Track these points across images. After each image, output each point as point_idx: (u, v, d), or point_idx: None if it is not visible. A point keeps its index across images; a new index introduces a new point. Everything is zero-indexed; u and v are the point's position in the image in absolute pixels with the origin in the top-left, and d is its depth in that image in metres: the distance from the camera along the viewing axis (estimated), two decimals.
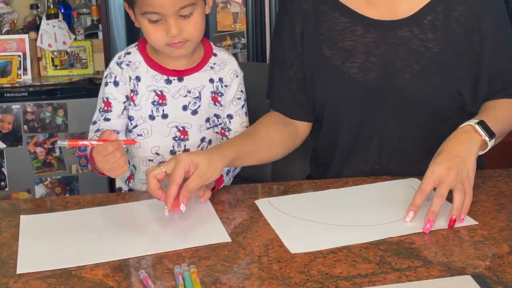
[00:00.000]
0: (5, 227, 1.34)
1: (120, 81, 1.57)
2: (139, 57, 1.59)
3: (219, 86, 1.62)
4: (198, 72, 1.60)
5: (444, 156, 1.32)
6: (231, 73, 1.63)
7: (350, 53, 1.53)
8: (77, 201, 1.46)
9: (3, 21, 3.24)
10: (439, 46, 1.50)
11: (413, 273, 1.11)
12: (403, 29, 1.51)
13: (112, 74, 1.58)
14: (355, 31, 1.54)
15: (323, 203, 1.41)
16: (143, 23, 1.50)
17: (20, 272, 1.15)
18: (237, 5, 2.81)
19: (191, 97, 1.59)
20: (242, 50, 2.83)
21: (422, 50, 1.50)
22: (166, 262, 1.17)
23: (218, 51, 1.65)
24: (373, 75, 1.52)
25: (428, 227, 1.25)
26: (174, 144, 1.60)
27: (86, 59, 3.18)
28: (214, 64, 1.62)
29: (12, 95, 2.93)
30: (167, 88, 1.58)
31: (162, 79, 1.58)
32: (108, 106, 1.56)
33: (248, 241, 1.25)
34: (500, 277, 1.09)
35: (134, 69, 1.58)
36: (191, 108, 1.59)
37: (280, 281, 1.10)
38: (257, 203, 1.42)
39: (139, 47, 1.61)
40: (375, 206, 1.38)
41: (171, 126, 1.59)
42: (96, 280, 1.12)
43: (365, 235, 1.25)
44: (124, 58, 1.59)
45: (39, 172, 2.98)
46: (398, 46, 1.51)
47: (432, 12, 1.50)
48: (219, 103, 1.63)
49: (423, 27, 1.50)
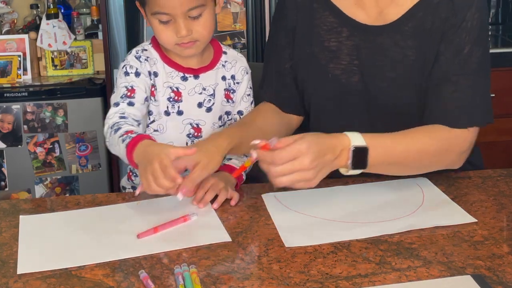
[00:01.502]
0: (5, 227, 1.34)
1: (142, 73, 1.56)
2: (156, 54, 1.60)
3: (231, 83, 1.65)
4: (211, 70, 1.62)
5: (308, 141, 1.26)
6: (242, 70, 1.66)
7: (335, 54, 1.54)
8: (77, 201, 1.46)
9: (3, 21, 3.24)
10: (416, 53, 1.47)
11: (413, 273, 1.11)
12: (383, 35, 1.50)
13: (133, 66, 1.56)
14: (341, 32, 1.54)
15: (331, 199, 1.42)
16: (154, 23, 1.51)
17: (20, 273, 1.15)
18: (237, 5, 2.81)
19: (206, 95, 1.61)
20: (242, 50, 2.83)
21: (400, 58, 1.48)
22: (166, 262, 1.17)
23: (227, 49, 1.68)
24: (356, 79, 1.53)
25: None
26: (187, 141, 1.61)
27: (86, 59, 3.18)
28: (226, 62, 1.65)
29: (12, 95, 2.93)
30: (183, 85, 1.59)
31: (178, 76, 1.59)
32: (131, 93, 1.53)
33: (248, 241, 1.25)
34: (500, 277, 1.09)
35: (152, 65, 1.59)
36: (206, 105, 1.61)
37: (280, 281, 1.10)
38: (263, 197, 1.43)
39: (154, 45, 1.61)
40: (381, 204, 1.39)
41: (186, 123, 1.60)
42: (96, 280, 1.12)
43: (363, 232, 1.25)
44: (141, 53, 1.59)
45: (39, 172, 2.98)
46: (376, 53, 1.50)
47: (413, 18, 1.48)
48: (231, 100, 1.65)
49: (404, 34, 1.48)
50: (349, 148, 1.32)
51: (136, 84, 1.55)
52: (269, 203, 1.41)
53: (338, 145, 1.32)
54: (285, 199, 1.42)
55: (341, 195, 1.45)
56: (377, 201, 1.40)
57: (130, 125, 1.46)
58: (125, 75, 1.56)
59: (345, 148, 1.32)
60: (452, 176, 1.50)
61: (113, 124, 1.46)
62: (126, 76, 1.56)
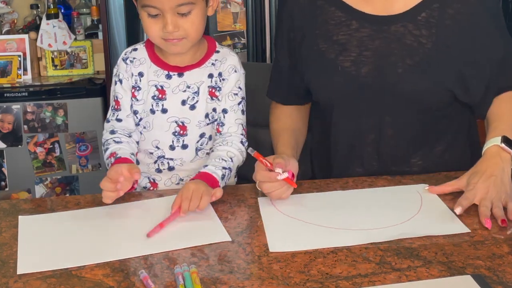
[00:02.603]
0: (5, 227, 1.34)
1: (123, 78, 1.62)
2: (145, 54, 1.62)
3: (218, 80, 1.62)
4: (198, 68, 1.61)
5: (480, 176, 1.39)
6: (230, 67, 1.62)
7: (345, 46, 1.54)
8: (77, 201, 1.46)
9: (3, 21, 3.25)
10: (432, 42, 1.50)
11: (413, 273, 1.11)
12: (397, 24, 1.52)
13: (119, 72, 1.63)
14: (350, 25, 1.55)
15: (327, 204, 1.41)
16: (143, 16, 1.53)
17: (20, 273, 1.15)
18: (237, 5, 2.81)
19: (190, 92, 1.60)
20: (242, 50, 2.83)
21: (416, 45, 1.51)
22: (166, 262, 1.17)
23: (221, 48, 1.66)
24: (366, 69, 1.53)
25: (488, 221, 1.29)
26: (173, 139, 1.61)
27: (86, 59, 3.18)
28: (216, 60, 1.63)
29: (12, 95, 2.93)
30: (167, 83, 1.60)
31: (163, 74, 1.60)
32: (118, 105, 1.63)
33: (248, 241, 1.25)
34: (500, 277, 1.09)
35: (137, 65, 1.61)
36: (190, 103, 1.60)
37: (280, 281, 1.10)
38: (259, 200, 1.43)
39: (147, 44, 1.64)
40: (377, 210, 1.37)
41: (171, 121, 1.60)
42: (96, 280, 1.12)
43: (353, 239, 1.24)
44: (129, 54, 1.63)
45: (39, 172, 2.99)
46: (392, 41, 1.52)
47: (427, 9, 1.51)
48: (217, 98, 1.62)
49: (417, 23, 1.51)
50: (500, 147, 1.42)
51: (121, 94, 1.62)
52: (263, 206, 1.40)
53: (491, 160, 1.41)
54: (280, 203, 1.41)
55: (338, 200, 1.43)
56: (371, 208, 1.38)
57: (118, 142, 1.58)
58: (114, 84, 1.65)
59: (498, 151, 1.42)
60: (453, 176, 1.50)
61: (104, 142, 1.61)
62: (115, 85, 1.64)
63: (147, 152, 1.64)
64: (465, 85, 1.53)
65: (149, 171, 1.65)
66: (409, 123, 1.56)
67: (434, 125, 1.58)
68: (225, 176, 1.50)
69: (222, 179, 1.48)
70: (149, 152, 1.63)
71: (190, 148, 1.61)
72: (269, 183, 1.39)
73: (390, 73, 1.52)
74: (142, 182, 1.66)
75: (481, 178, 1.38)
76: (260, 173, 1.40)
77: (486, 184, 1.36)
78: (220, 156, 1.53)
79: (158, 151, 1.62)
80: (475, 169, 1.42)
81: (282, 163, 1.40)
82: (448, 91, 1.52)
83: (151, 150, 1.63)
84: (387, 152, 1.58)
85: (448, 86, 1.52)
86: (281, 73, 1.68)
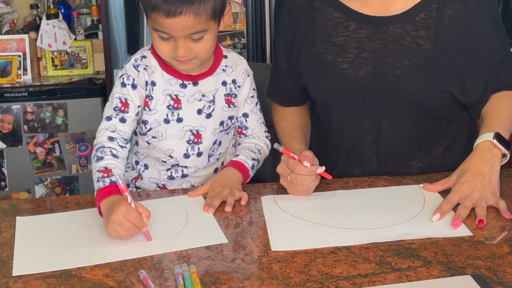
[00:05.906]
0: (5, 227, 1.34)
1: (138, 85, 1.55)
2: (155, 62, 1.57)
3: (233, 87, 1.63)
4: (211, 75, 1.60)
5: (468, 175, 1.39)
6: (243, 73, 1.64)
7: (343, 48, 1.54)
8: (77, 201, 1.46)
9: (3, 21, 3.25)
10: (430, 44, 1.50)
11: (413, 273, 1.11)
12: (395, 25, 1.52)
13: (130, 77, 1.55)
14: (348, 26, 1.55)
15: (329, 204, 1.42)
16: (154, 36, 1.49)
17: (15, 274, 1.15)
18: (237, 5, 2.81)
19: (205, 101, 1.59)
20: (242, 50, 2.83)
21: (414, 47, 1.50)
22: (166, 262, 1.17)
23: (228, 52, 1.66)
24: (364, 71, 1.53)
25: (456, 223, 1.29)
26: (188, 148, 1.60)
27: (86, 59, 3.18)
28: (226, 66, 1.63)
29: (12, 95, 2.93)
30: (182, 92, 1.58)
31: (177, 83, 1.57)
32: (125, 107, 1.54)
33: (248, 241, 1.25)
34: (500, 277, 1.09)
35: (150, 74, 1.57)
36: (206, 112, 1.59)
37: (280, 281, 1.10)
38: (262, 199, 1.43)
39: (153, 51, 1.58)
40: (378, 210, 1.37)
41: (186, 130, 1.59)
42: (96, 280, 1.12)
43: (354, 239, 1.24)
44: (140, 62, 1.57)
45: (39, 172, 2.98)
46: (390, 42, 1.52)
47: (425, 10, 1.51)
48: (233, 105, 1.63)
49: (415, 24, 1.51)
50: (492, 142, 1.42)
51: (131, 97, 1.54)
52: (266, 205, 1.41)
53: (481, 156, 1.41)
54: (283, 201, 1.42)
55: (340, 200, 1.44)
56: (374, 207, 1.39)
57: (114, 155, 1.46)
58: (121, 86, 1.55)
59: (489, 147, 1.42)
60: None
61: (99, 147, 1.48)
62: (123, 87, 1.55)
63: (158, 160, 1.62)
64: (464, 86, 1.52)
65: (160, 178, 1.64)
66: (407, 125, 1.56)
67: (433, 127, 1.58)
68: (254, 166, 1.58)
69: (252, 169, 1.56)
70: (162, 160, 1.62)
71: (204, 155, 1.62)
72: (306, 176, 1.42)
73: (388, 75, 1.51)
74: (151, 185, 1.65)
75: (469, 177, 1.38)
76: (299, 167, 1.42)
77: (472, 184, 1.37)
78: (249, 147, 1.61)
79: (171, 159, 1.61)
80: (464, 166, 1.42)
81: (310, 157, 1.43)
82: (447, 92, 1.52)
83: (164, 158, 1.61)
84: (386, 154, 1.57)
85: (447, 87, 1.51)
86: (279, 74, 1.68)
